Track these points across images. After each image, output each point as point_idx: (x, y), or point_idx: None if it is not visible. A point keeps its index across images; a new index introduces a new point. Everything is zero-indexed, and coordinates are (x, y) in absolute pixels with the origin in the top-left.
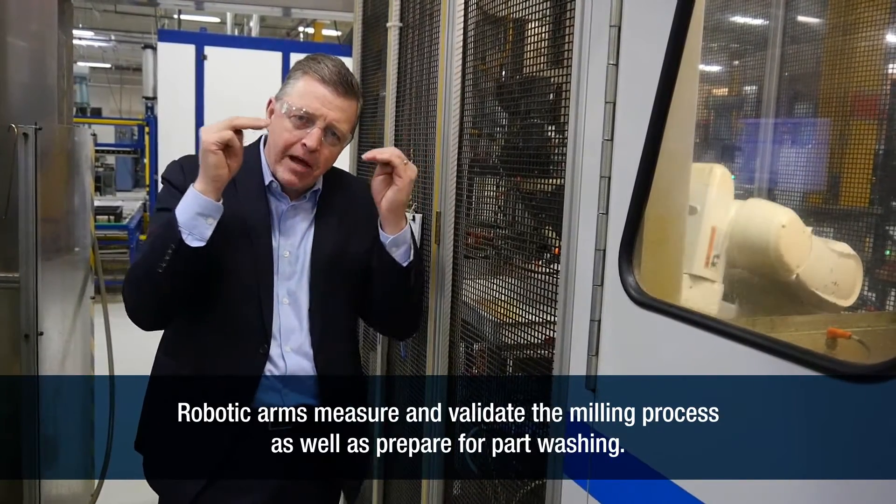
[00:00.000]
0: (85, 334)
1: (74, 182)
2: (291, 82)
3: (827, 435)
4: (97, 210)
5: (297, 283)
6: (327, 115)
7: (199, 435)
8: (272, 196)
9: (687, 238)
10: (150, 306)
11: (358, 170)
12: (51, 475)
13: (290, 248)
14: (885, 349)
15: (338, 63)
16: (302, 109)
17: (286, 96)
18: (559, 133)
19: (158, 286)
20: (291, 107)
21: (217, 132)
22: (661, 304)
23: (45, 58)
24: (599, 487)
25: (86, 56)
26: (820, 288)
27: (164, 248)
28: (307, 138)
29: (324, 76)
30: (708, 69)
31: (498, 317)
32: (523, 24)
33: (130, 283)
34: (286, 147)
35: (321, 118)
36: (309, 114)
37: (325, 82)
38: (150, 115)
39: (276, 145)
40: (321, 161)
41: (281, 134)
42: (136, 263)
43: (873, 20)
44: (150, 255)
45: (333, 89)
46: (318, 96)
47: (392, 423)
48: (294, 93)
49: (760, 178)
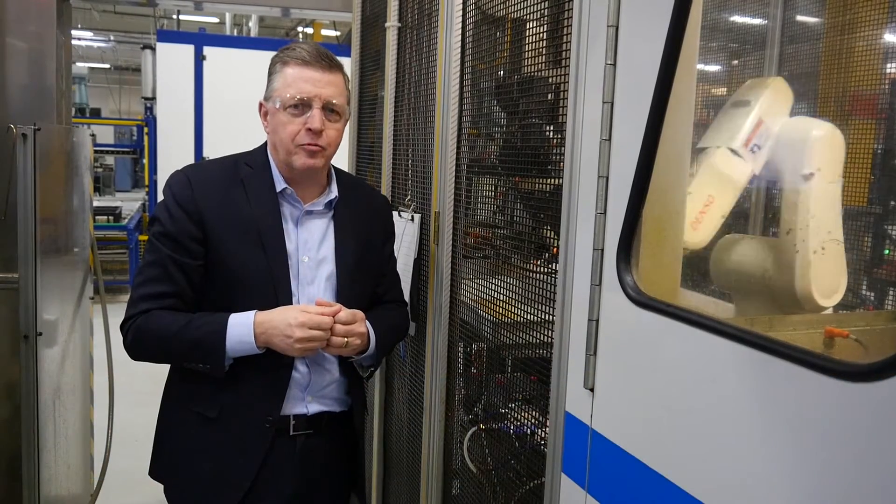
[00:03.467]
0: (84, 335)
1: (73, 182)
2: (275, 77)
3: (825, 434)
4: (96, 210)
5: (318, 288)
6: (321, 94)
7: (232, 454)
8: (285, 202)
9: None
10: (156, 362)
11: (357, 165)
12: (50, 476)
13: (309, 254)
14: (883, 348)
15: (312, 43)
16: (296, 97)
17: (275, 92)
18: (557, 133)
19: (173, 362)
20: (285, 98)
21: (309, 350)
22: (659, 303)
23: (44, 58)
24: (598, 486)
25: (85, 56)
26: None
27: (199, 359)
28: (310, 121)
29: (304, 58)
30: (706, 68)
31: (496, 316)
32: (521, 25)
33: (145, 345)
34: (293, 137)
35: (316, 98)
36: (304, 98)
37: (308, 64)
38: (149, 115)
39: (283, 141)
40: (331, 139)
41: (284, 128)
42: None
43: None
44: (181, 351)
45: (318, 67)
46: (307, 79)
47: (391, 422)
48: (281, 85)
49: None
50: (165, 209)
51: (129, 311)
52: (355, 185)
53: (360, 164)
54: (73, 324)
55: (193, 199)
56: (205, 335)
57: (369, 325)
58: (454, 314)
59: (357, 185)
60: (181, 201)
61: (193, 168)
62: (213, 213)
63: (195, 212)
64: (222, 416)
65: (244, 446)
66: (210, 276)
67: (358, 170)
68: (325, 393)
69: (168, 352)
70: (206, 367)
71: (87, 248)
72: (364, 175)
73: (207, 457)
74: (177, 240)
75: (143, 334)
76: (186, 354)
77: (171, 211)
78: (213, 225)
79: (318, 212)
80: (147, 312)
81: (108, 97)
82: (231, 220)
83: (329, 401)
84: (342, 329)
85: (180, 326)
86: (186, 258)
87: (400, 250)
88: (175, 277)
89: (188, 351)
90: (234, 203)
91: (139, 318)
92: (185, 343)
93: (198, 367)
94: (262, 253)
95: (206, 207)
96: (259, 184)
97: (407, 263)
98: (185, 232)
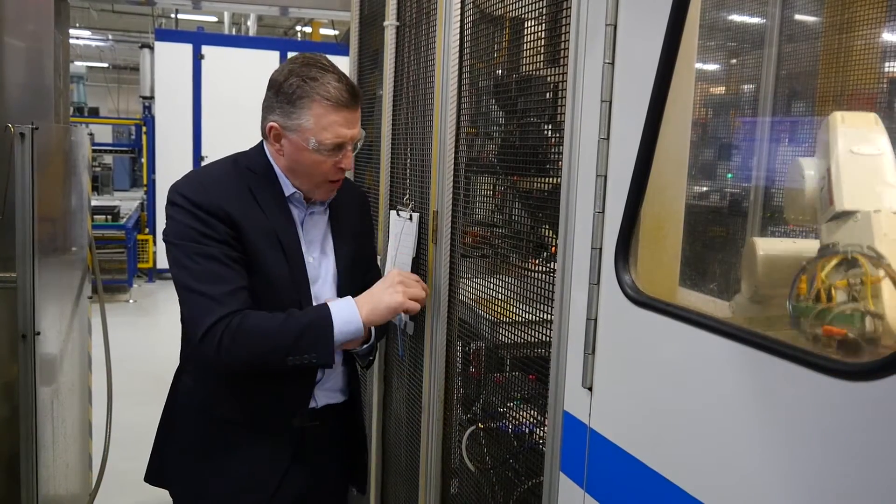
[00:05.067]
0: (82, 334)
1: (71, 182)
2: (303, 113)
3: (822, 432)
4: (94, 210)
5: (321, 286)
6: (355, 135)
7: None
8: (293, 205)
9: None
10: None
11: (355, 165)
12: (48, 475)
13: (313, 254)
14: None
15: (338, 74)
16: (334, 143)
17: (306, 131)
18: (556, 132)
19: (273, 368)
20: (322, 142)
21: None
22: (658, 302)
23: (42, 57)
24: (596, 485)
25: (83, 55)
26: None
27: (307, 350)
28: (343, 162)
29: (338, 100)
30: (704, 67)
31: (495, 315)
32: (520, 23)
33: (248, 343)
34: (325, 175)
35: (351, 140)
36: (341, 143)
37: (341, 105)
38: (148, 114)
39: (310, 175)
40: (349, 165)
41: (316, 167)
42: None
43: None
44: (287, 346)
45: (349, 108)
46: (342, 122)
47: (390, 421)
48: (315, 126)
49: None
50: (191, 216)
51: (214, 312)
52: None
53: (358, 163)
54: (71, 323)
55: (215, 201)
56: (311, 321)
57: None
58: (452, 313)
59: (343, 182)
60: (205, 206)
61: (198, 174)
62: (236, 214)
63: (224, 214)
64: (250, 419)
65: (273, 448)
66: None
67: (356, 169)
68: (329, 385)
69: (274, 347)
70: (313, 357)
71: (85, 247)
72: (362, 174)
73: (235, 462)
74: (220, 239)
75: (243, 333)
76: (292, 347)
77: (198, 216)
78: (242, 225)
79: (317, 211)
80: (240, 312)
81: (107, 96)
82: (252, 223)
83: (333, 392)
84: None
85: (282, 320)
86: (237, 253)
87: (398, 249)
88: (237, 270)
89: (294, 342)
90: (249, 207)
91: (234, 318)
92: (291, 334)
93: (303, 360)
94: (282, 257)
95: (230, 209)
96: (267, 189)
97: (405, 262)
98: (224, 231)
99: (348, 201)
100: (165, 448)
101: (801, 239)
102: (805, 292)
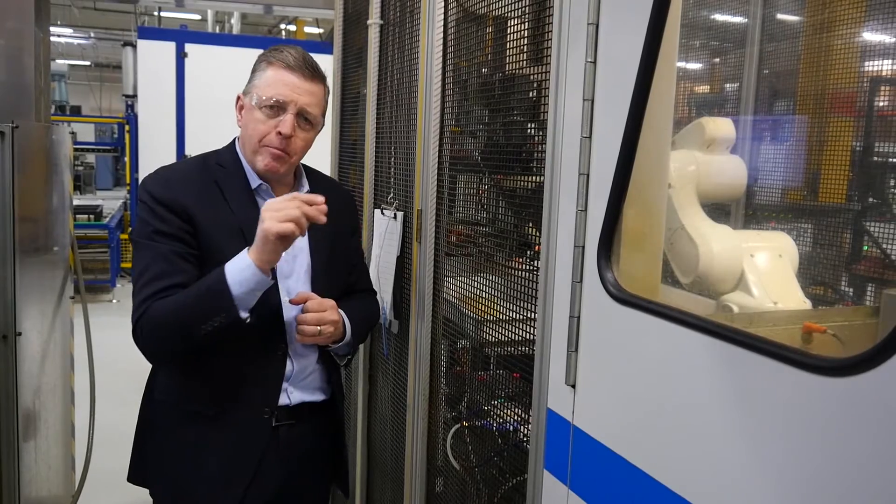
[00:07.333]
0: (64, 334)
1: (53, 181)
2: (257, 74)
3: (803, 428)
4: (77, 209)
5: (296, 280)
6: (298, 100)
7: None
8: (260, 198)
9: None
10: (176, 353)
11: (339, 163)
12: (30, 477)
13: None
14: (860, 343)
15: (300, 50)
16: (272, 98)
17: (254, 88)
18: (538, 130)
19: (193, 342)
20: (262, 97)
21: (290, 218)
22: (640, 300)
23: (22, 55)
24: (580, 482)
25: (65, 53)
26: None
27: (211, 313)
28: (281, 125)
29: (289, 63)
30: (686, 66)
31: (479, 314)
32: (503, 22)
33: (158, 333)
34: (261, 137)
35: (292, 104)
36: (280, 101)
37: (292, 69)
38: (131, 112)
39: (250, 138)
40: (297, 148)
41: (255, 126)
42: (168, 316)
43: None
44: (192, 316)
45: (300, 74)
46: (287, 83)
47: (375, 420)
48: (262, 83)
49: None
50: (150, 211)
51: (137, 311)
52: (321, 181)
53: (342, 161)
54: (53, 323)
55: (175, 197)
56: (207, 284)
57: (343, 314)
58: (437, 312)
59: (323, 181)
60: (165, 201)
61: (166, 169)
62: (196, 209)
63: (181, 209)
64: (221, 413)
65: (245, 441)
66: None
67: (340, 167)
68: (305, 383)
69: (181, 323)
70: (223, 317)
71: (66, 247)
72: (346, 173)
73: (208, 456)
74: (173, 235)
75: (150, 320)
76: (198, 316)
77: (156, 211)
78: (200, 220)
79: None
80: (150, 301)
81: (89, 94)
82: (214, 217)
83: (310, 390)
84: (314, 318)
85: (185, 294)
86: (189, 249)
87: (383, 248)
88: (183, 268)
89: (198, 310)
90: (214, 202)
91: (146, 311)
92: (190, 304)
93: (215, 324)
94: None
95: (190, 204)
96: (234, 183)
97: (390, 261)
98: (178, 226)
99: (331, 201)
100: (144, 446)
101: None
102: None
